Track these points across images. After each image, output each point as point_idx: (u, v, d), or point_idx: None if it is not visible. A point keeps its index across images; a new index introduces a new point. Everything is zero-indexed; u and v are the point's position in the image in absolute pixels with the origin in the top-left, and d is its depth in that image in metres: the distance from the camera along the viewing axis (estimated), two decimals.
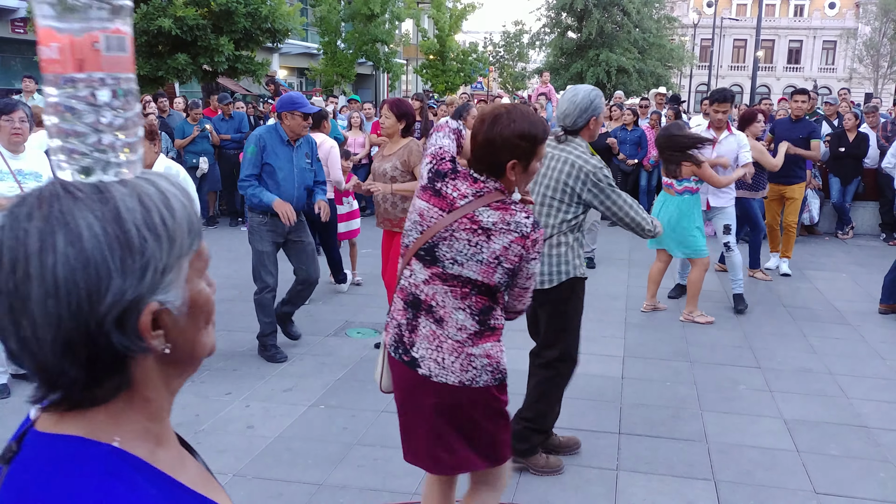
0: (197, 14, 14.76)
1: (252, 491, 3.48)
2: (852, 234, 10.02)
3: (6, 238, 0.75)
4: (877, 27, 45.81)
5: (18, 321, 0.75)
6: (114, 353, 0.77)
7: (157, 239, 0.77)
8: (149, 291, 0.77)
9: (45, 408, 0.80)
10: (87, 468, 0.76)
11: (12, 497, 0.76)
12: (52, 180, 0.80)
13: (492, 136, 2.31)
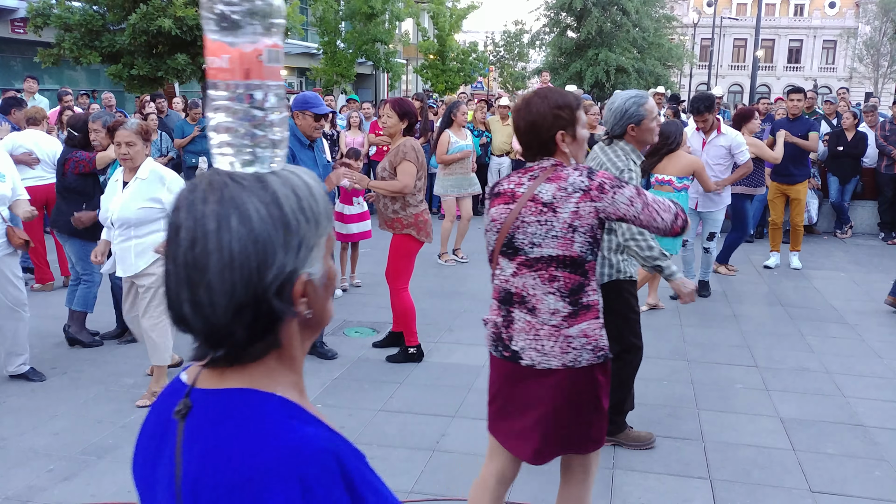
0: (197, 14, 14.73)
1: None
2: (851, 234, 10.03)
3: (184, 219, 0.89)
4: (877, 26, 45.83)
5: (195, 289, 0.88)
6: (271, 317, 0.91)
7: (307, 221, 0.93)
8: (301, 265, 0.92)
9: (206, 366, 0.95)
10: (269, 413, 0.90)
11: (212, 443, 0.88)
12: (215, 170, 0.95)
13: (531, 117, 2.41)
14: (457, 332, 5.79)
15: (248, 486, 0.84)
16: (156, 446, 0.98)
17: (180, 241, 0.89)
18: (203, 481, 0.86)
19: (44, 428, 4.13)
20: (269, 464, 0.85)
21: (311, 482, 0.84)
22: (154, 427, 1.00)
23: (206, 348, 0.92)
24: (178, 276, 0.89)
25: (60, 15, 14.98)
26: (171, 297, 0.91)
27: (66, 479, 3.58)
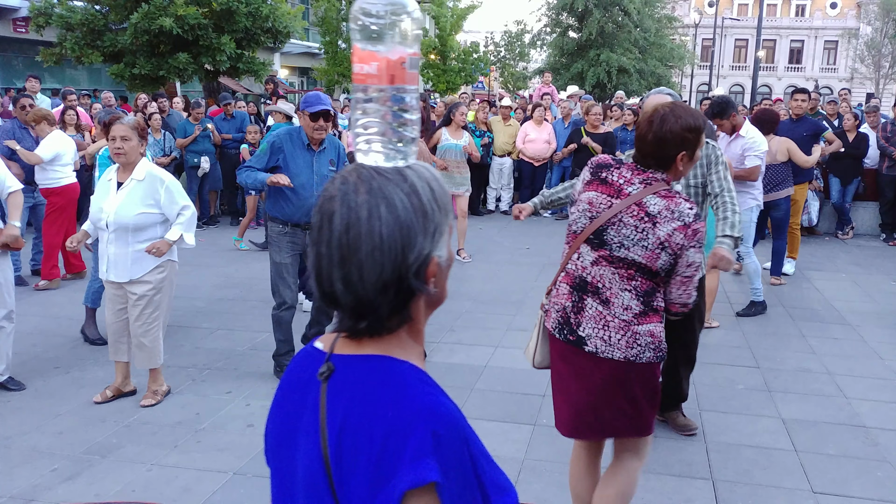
0: (198, 13, 14.76)
1: (252, 489, 3.50)
2: (852, 235, 10.03)
3: (338, 207, 1.03)
4: (878, 27, 45.78)
5: (348, 268, 1.02)
6: (407, 294, 1.05)
7: (439, 209, 1.07)
8: (433, 248, 1.06)
9: (345, 336, 1.10)
10: (406, 376, 1.05)
11: (357, 398, 1.03)
12: (361, 165, 1.09)
13: (662, 133, 2.54)
14: (458, 333, 5.80)
15: (391, 433, 0.98)
16: (297, 401, 1.13)
17: (334, 227, 1.03)
18: (348, 429, 1.01)
19: (47, 427, 4.14)
20: (408, 417, 0.99)
21: (443, 437, 0.98)
22: (292, 386, 1.16)
23: (351, 320, 1.06)
24: (331, 258, 1.03)
25: (62, 14, 14.99)
26: (322, 276, 1.05)
27: (69, 478, 3.59)
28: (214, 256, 8.59)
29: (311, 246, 1.07)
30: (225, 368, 5.05)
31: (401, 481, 0.96)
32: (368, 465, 0.98)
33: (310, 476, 1.05)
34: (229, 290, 7.11)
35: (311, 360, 1.14)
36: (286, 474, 1.14)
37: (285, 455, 1.13)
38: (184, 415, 4.31)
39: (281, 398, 1.18)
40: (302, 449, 1.09)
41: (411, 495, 0.95)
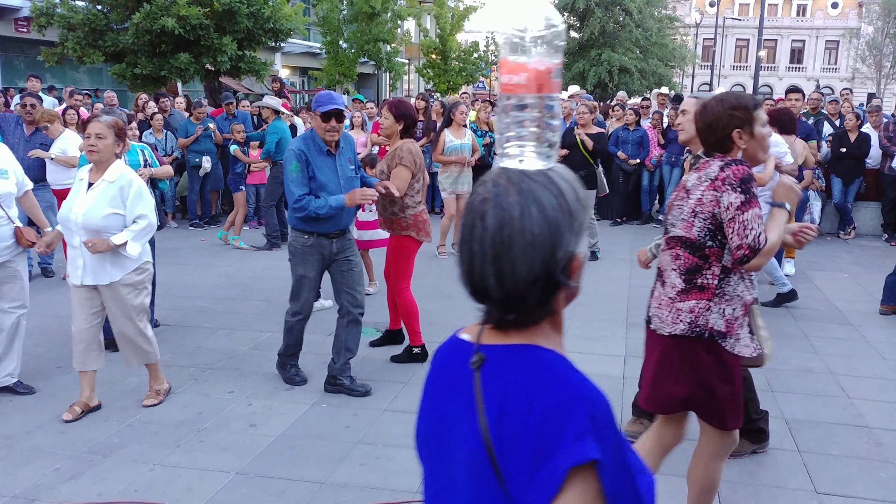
0: (200, 14, 14.76)
1: (254, 489, 3.49)
2: (854, 235, 10.02)
3: (491, 208, 1.11)
4: (879, 27, 45.70)
5: (501, 265, 1.09)
6: (553, 288, 1.12)
7: (581, 209, 1.14)
8: (576, 246, 1.13)
9: (491, 328, 1.17)
10: (558, 364, 1.13)
11: (513, 384, 1.10)
12: (507, 168, 1.16)
13: (707, 119, 2.69)
14: None
15: (549, 416, 1.05)
16: (447, 390, 1.22)
17: (487, 226, 1.10)
18: (507, 413, 1.08)
19: (50, 427, 4.14)
20: (565, 401, 1.06)
21: (598, 420, 1.05)
22: (441, 377, 1.25)
23: (499, 313, 1.14)
24: (485, 255, 1.11)
25: (64, 14, 15.00)
26: (473, 272, 1.13)
27: (72, 477, 3.59)
28: (216, 256, 8.59)
29: (461, 244, 1.15)
30: (227, 368, 5.05)
31: (565, 459, 1.03)
32: (528, 445, 1.06)
33: (471, 456, 1.13)
34: (231, 289, 7.10)
35: (457, 352, 1.23)
36: (442, 458, 1.22)
37: (441, 440, 1.22)
38: (186, 414, 4.31)
39: (431, 389, 1.27)
40: (459, 433, 1.16)
41: (575, 472, 1.03)
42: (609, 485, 1.04)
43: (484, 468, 1.10)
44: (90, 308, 4.22)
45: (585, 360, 5.21)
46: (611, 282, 7.46)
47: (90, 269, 4.10)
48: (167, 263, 7.98)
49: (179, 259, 8.35)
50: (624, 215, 10.95)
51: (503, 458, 1.08)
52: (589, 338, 5.69)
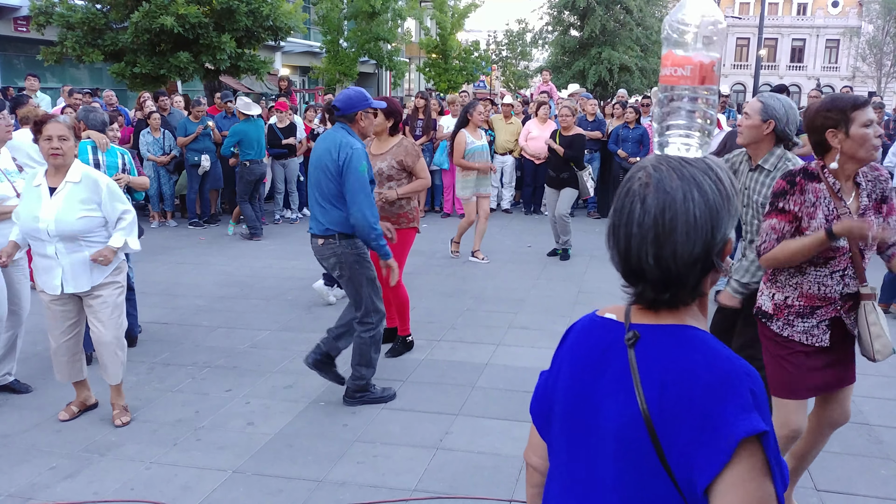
0: (199, 12, 14.73)
1: (252, 488, 3.47)
2: None
3: (653, 192, 1.17)
4: (880, 25, 45.66)
5: (661, 246, 1.16)
6: (708, 270, 1.19)
7: (736, 195, 1.21)
8: (731, 230, 1.20)
9: (640, 308, 1.25)
10: (712, 343, 1.19)
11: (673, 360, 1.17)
12: (667, 156, 1.22)
13: (806, 122, 2.80)
14: (460, 331, 5.77)
15: (711, 390, 1.12)
16: (593, 367, 1.27)
17: (647, 209, 1.17)
18: (669, 387, 1.15)
19: (46, 425, 4.12)
20: (728, 376, 1.13)
21: (757, 395, 1.12)
22: (585, 354, 1.30)
23: (654, 293, 1.21)
24: (644, 237, 1.17)
25: (63, 13, 14.97)
26: (630, 253, 1.20)
27: (68, 476, 3.57)
28: (215, 255, 8.57)
29: (618, 227, 1.21)
30: (225, 366, 5.03)
31: (736, 430, 1.09)
32: (693, 418, 1.12)
33: (624, 429, 1.18)
34: (230, 288, 7.09)
35: (599, 330, 1.31)
36: (585, 431, 1.27)
37: (584, 414, 1.27)
38: (183, 413, 4.29)
39: (573, 366, 1.32)
40: (606, 407, 1.22)
41: (745, 442, 1.09)
42: (772, 454, 1.11)
43: (637, 440, 1.16)
44: (68, 319, 4.07)
45: None
46: (611, 280, 7.42)
47: (70, 277, 3.92)
48: (166, 262, 7.97)
49: (178, 258, 8.33)
50: None
51: (663, 432, 1.14)
52: None
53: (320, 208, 4.14)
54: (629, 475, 1.17)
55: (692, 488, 1.12)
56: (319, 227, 4.16)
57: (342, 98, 4.19)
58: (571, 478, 1.30)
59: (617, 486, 1.19)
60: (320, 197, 4.13)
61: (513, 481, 3.53)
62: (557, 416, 1.34)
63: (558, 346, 1.41)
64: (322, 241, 4.16)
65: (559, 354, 1.38)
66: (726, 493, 1.09)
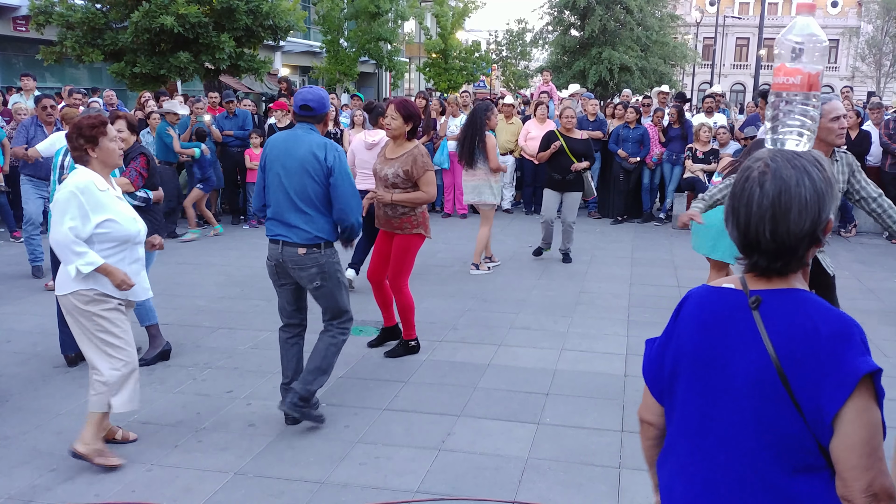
0: (199, 12, 14.72)
1: (253, 489, 3.46)
2: (855, 232, 9.99)
3: (771, 178, 1.45)
4: (879, 25, 45.67)
5: (777, 224, 1.44)
6: (812, 243, 1.47)
7: (836, 182, 1.44)
8: (832, 211, 1.49)
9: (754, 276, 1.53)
10: (820, 301, 1.47)
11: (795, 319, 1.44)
12: (781, 150, 1.52)
13: None
14: (461, 331, 5.76)
15: (835, 339, 1.40)
16: (721, 328, 1.53)
17: (766, 192, 1.45)
18: (795, 339, 1.42)
19: (47, 427, 4.11)
20: (845, 328, 1.41)
21: (864, 343, 1.41)
22: (711, 319, 1.56)
23: (768, 262, 1.49)
24: (762, 216, 1.45)
25: (63, 13, 14.96)
26: (749, 228, 1.47)
27: (69, 478, 3.56)
28: (215, 255, 8.55)
29: (738, 208, 1.48)
30: (226, 367, 5.02)
31: (858, 369, 1.37)
32: (819, 362, 1.39)
33: (756, 375, 1.45)
34: (231, 288, 7.07)
35: (723, 298, 1.56)
36: (717, 381, 1.52)
37: (715, 368, 1.52)
38: (184, 414, 4.28)
39: (698, 330, 1.57)
40: (737, 361, 1.49)
41: (864, 378, 1.37)
42: (880, 389, 1.40)
43: (769, 384, 1.43)
44: None
45: (587, 358, 5.18)
46: (612, 280, 7.43)
47: (144, 282, 3.89)
48: (166, 262, 7.95)
49: (178, 258, 8.32)
50: (625, 214, 10.91)
51: (793, 375, 1.41)
52: (591, 336, 5.65)
53: (303, 216, 3.90)
54: (763, 412, 1.44)
55: (818, 417, 1.39)
56: (303, 235, 3.91)
57: (316, 98, 3.98)
58: (704, 421, 1.55)
59: (752, 420, 1.46)
60: (302, 203, 3.88)
61: (515, 482, 3.52)
62: (684, 373, 1.59)
63: (674, 316, 1.67)
64: (304, 251, 3.92)
65: (676, 323, 1.65)
66: (852, 419, 1.37)
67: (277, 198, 3.94)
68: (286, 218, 3.93)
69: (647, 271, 7.82)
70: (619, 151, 10.61)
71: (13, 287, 7.04)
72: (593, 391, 4.61)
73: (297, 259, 3.94)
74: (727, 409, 1.50)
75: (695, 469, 1.56)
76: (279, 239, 3.96)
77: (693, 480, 1.56)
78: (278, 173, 3.91)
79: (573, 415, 4.27)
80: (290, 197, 3.90)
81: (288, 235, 3.93)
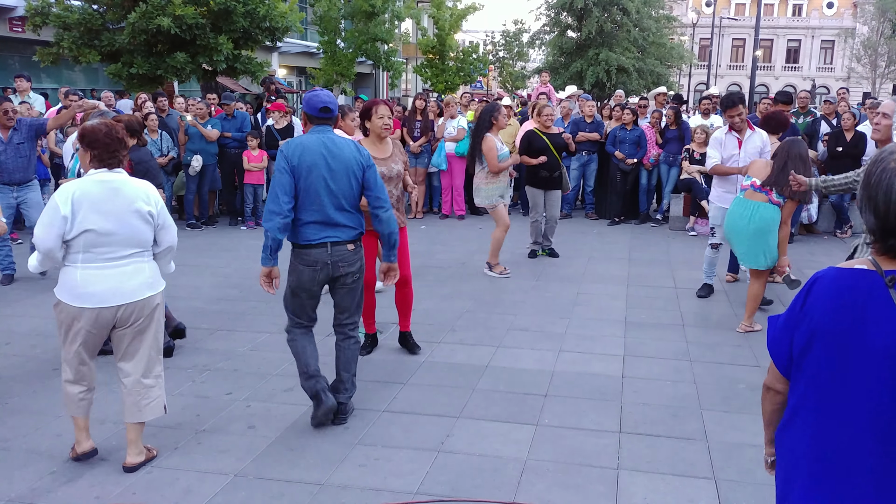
0: (196, 13, 14.72)
1: (253, 491, 3.48)
2: (850, 233, 10.02)
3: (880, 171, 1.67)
4: (874, 27, 45.81)
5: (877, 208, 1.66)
6: None
7: None
8: None
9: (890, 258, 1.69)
10: None
11: None
12: None
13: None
14: (460, 333, 5.78)
15: None
16: (858, 307, 1.68)
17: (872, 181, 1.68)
18: None
19: (46, 429, 4.12)
20: None
21: None
22: (845, 300, 1.70)
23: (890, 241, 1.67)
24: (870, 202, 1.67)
25: (59, 14, 14.95)
26: (890, 216, 1.65)
27: (69, 481, 3.56)
28: (213, 257, 8.56)
29: (875, 197, 1.67)
30: (225, 369, 5.03)
31: None
32: None
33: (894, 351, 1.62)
34: (229, 290, 7.08)
35: (856, 278, 1.71)
36: (852, 357, 1.68)
37: (851, 341, 1.68)
38: (184, 416, 4.29)
39: (833, 308, 1.72)
40: (874, 334, 1.64)
41: None
42: None
43: None
44: None
45: (585, 359, 5.20)
46: (609, 281, 7.45)
47: None
48: None
49: (176, 260, 8.30)
50: (621, 215, 10.94)
51: None
52: (588, 337, 5.67)
53: (347, 214, 3.99)
54: None
55: None
56: (349, 232, 4.02)
57: (333, 101, 4.06)
58: (841, 391, 1.71)
59: (891, 389, 1.62)
60: (347, 203, 3.98)
61: (514, 483, 3.54)
62: (819, 348, 1.74)
63: (801, 297, 1.80)
64: (353, 247, 4.05)
65: (806, 302, 1.78)
66: None
67: (322, 201, 3.91)
68: (332, 218, 3.95)
69: (645, 272, 7.85)
70: (616, 153, 10.63)
71: (12, 289, 7.05)
72: (591, 392, 4.63)
73: (347, 255, 4.03)
74: (866, 379, 1.67)
75: (829, 435, 1.74)
76: (327, 241, 3.96)
77: (826, 446, 1.74)
78: (323, 176, 3.89)
79: (571, 416, 4.29)
80: (334, 199, 3.92)
81: (338, 235, 3.99)
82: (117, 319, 3.56)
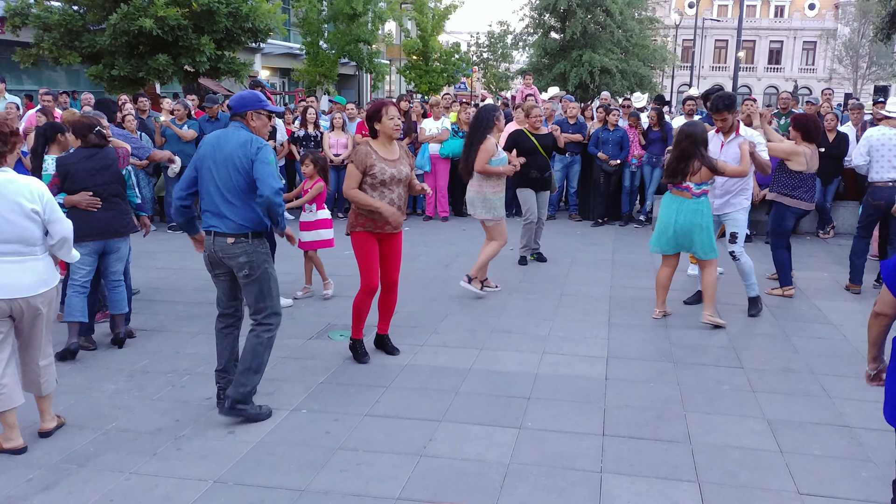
0: (178, 14, 14.61)
1: (233, 497, 3.43)
2: (833, 234, 10.09)
3: None
4: (856, 28, 46.24)
5: None
6: None
7: None
8: None
9: None
10: None
11: None
12: None
13: None
14: (443, 335, 5.75)
15: None
16: None
17: None
18: None
19: (23, 435, 4.04)
20: None
21: None
22: None
23: None
24: None
25: (39, 14, 14.79)
26: None
27: (46, 487, 3.51)
28: (195, 260, 8.47)
29: None
30: (206, 374, 4.97)
31: None
32: None
33: None
34: (210, 293, 6.99)
35: None
36: None
37: None
38: (163, 421, 4.23)
39: None
40: None
41: None
42: None
43: None
44: None
45: (568, 361, 5.19)
46: (593, 283, 7.45)
47: None
48: (144, 267, 7.88)
49: (157, 262, 8.25)
50: (605, 216, 10.95)
51: None
52: (571, 339, 5.66)
53: (229, 206, 4.09)
54: None
55: None
56: (230, 225, 4.09)
57: (236, 98, 4.29)
58: None
59: None
60: (229, 194, 4.08)
61: (497, 487, 3.51)
62: None
63: None
64: (232, 240, 4.10)
65: None
66: None
67: (211, 191, 4.13)
68: (217, 208, 4.14)
69: (628, 273, 7.85)
70: (599, 154, 10.65)
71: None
72: (575, 395, 4.62)
73: (225, 248, 4.13)
74: None
75: None
76: (211, 230, 4.16)
77: None
78: (209, 167, 4.12)
79: (555, 419, 4.27)
80: (217, 190, 4.11)
81: (217, 225, 4.15)
82: (13, 312, 3.74)
